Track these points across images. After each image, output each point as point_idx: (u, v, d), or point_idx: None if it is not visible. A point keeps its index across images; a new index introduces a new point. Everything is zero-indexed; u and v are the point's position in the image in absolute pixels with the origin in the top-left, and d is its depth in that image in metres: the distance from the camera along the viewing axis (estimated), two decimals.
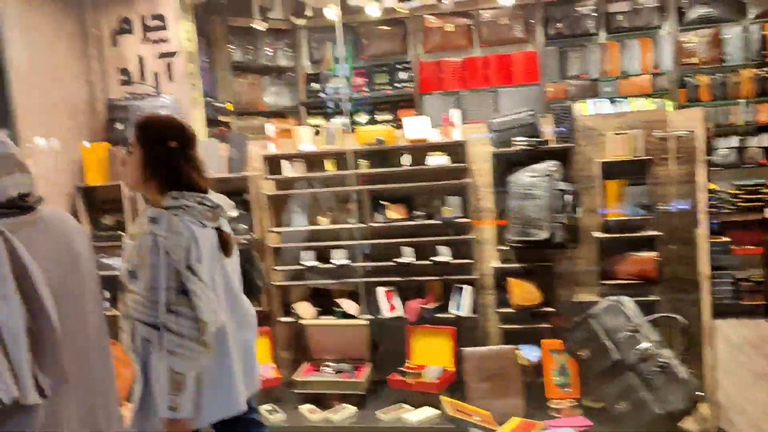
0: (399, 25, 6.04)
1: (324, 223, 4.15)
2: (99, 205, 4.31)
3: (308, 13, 5.70)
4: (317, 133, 4.25)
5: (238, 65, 5.89)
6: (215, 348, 1.96)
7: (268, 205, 4.18)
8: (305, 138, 4.13)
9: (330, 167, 4.07)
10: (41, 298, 1.40)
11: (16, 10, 3.91)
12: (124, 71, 4.52)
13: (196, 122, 4.61)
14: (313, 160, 4.18)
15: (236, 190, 4.23)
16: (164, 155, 2.03)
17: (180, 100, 4.40)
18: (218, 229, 2.09)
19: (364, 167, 4.03)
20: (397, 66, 6.08)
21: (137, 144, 2.05)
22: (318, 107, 6.22)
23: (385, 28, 6.04)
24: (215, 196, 2.10)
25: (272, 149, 4.17)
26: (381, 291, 4.06)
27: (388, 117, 6.20)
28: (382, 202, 4.04)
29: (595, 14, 5.65)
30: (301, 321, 4.10)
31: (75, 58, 4.39)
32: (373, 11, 5.19)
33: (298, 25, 6.13)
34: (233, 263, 2.21)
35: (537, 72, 5.77)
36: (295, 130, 4.15)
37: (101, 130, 4.45)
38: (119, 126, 4.34)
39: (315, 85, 6.23)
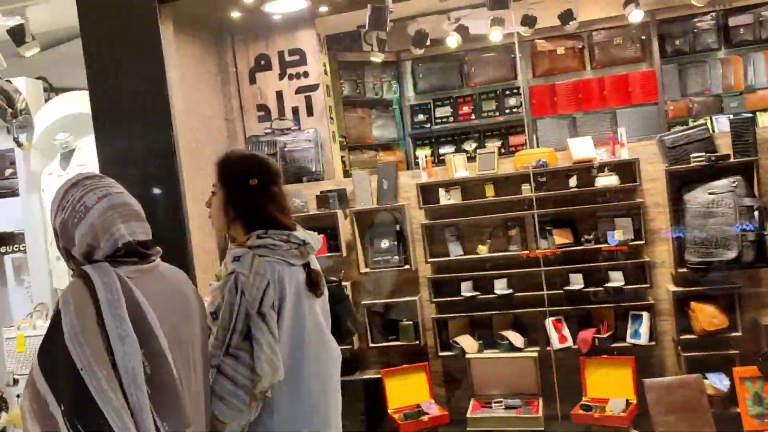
0: (506, 51, 5.97)
1: (483, 252, 4.00)
2: None
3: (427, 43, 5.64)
4: (470, 158, 4.14)
5: (347, 99, 5.86)
6: (284, 404, 1.87)
7: (421, 235, 4.06)
8: (459, 165, 4.02)
9: (490, 193, 3.94)
10: (158, 343, 1.44)
11: (172, 48, 3.90)
12: (262, 107, 4.48)
13: (336, 156, 4.54)
14: (466, 186, 4.06)
15: (386, 222, 4.12)
16: (246, 194, 1.96)
17: (320, 133, 4.35)
18: (307, 268, 1.99)
19: (526, 192, 3.89)
20: (506, 92, 5.99)
21: (219, 183, 1.98)
22: (425, 138, 6.14)
23: (493, 54, 5.97)
24: (302, 233, 2.00)
25: (424, 178, 4.06)
26: (549, 321, 3.87)
27: (497, 143, 6.10)
28: (547, 228, 3.88)
29: (715, 28, 5.52)
30: (468, 355, 3.92)
31: (215, 96, 4.37)
32: (495, 36, 5.12)
33: (402, 57, 6.09)
34: (322, 303, 2.07)
35: (656, 90, 5.63)
36: (449, 158, 4.04)
37: None
38: None
39: (421, 116, 6.17)
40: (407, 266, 4.02)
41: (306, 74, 4.41)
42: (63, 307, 1.38)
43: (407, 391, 4.02)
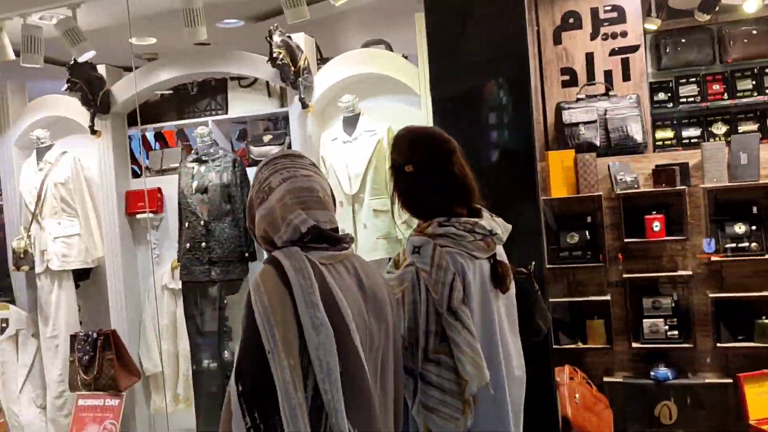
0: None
1: None
2: (562, 220, 3.72)
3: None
4: None
5: None
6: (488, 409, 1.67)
7: None
8: None
9: None
10: (351, 338, 1.31)
11: None
12: (567, 71, 3.98)
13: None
14: None
15: (741, 201, 3.56)
16: (406, 179, 1.77)
17: (642, 100, 3.82)
18: (493, 260, 1.75)
19: None
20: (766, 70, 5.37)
21: (392, 164, 1.81)
22: (666, 119, 5.56)
23: (754, 27, 5.35)
24: (488, 221, 1.76)
25: None
26: None
27: (753, 127, 5.48)
28: None
29: None
30: None
31: None
32: (750, 7, 4.50)
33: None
34: (509, 298, 1.82)
35: None
36: None
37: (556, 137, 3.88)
38: (578, 130, 3.76)
39: (662, 95, 5.58)
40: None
41: (624, 34, 3.89)
42: (254, 291, 1.30)
43: None
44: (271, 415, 1.23)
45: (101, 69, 4.18)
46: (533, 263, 2.22)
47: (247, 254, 3.90)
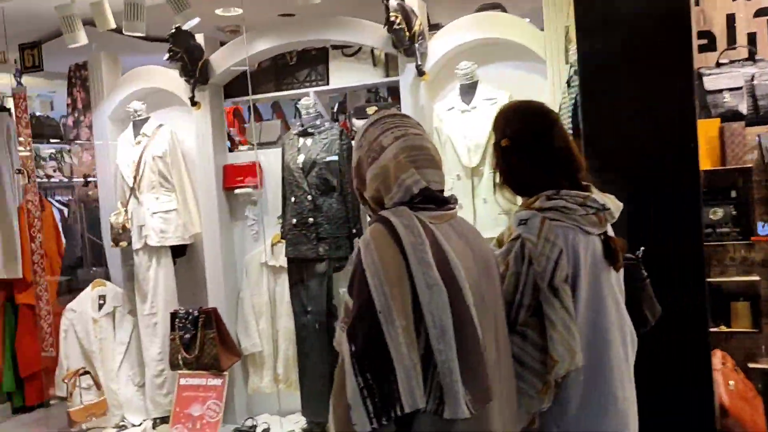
0: None
1: None
2: (705, 194, 3.41)
3: None
4: None
5: None
6: (581, 399, 1.57)
7: None
8: None
9: None
10: (464, 298, 1.28)
11: None
12: (705, 34, 3.65)
13: None
14: None
15: None
16: (519, 150, 1.68)
17: None
18: (604, 236, 1.66)
19: None
20: None
21: (497, 139, 1.72)
22: None
23: None
24: (600, 196, 1.66)
25: None
26: None
27: None
28: None
29: None
30: None
31: None
32: None
33: None
34: (618, 279, 1.71)
35: None
36: None
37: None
38: (722, 98, 3.44)
39: None
40: None
41: None
42: (364, 249, 1.26)
43: None
44: (385, 375, 1.20)
45: (199, 39, 4.02)
46: (641, 249, 1.99)
47: (354, 230, 3.71)
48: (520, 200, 1.78)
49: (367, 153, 1.42)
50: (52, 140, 4.93)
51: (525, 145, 1.68)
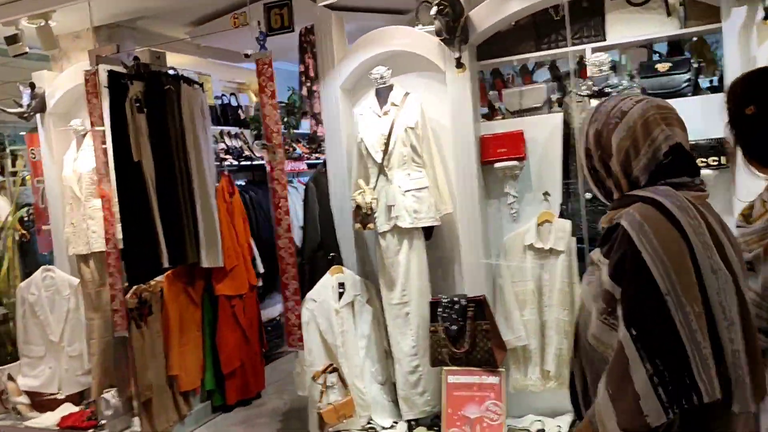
0: None
1: None
2: None
3: None
4: None
5: None
6: None
7: None
8: None
9: None
10: (740, 283, 1.22)
11: None
12: None
13: None
14: None
15: None
16: (745, 123, 1.54)
17: None
18: None
19: None
20: None
21: (730, 117, 1.59)
22: None
23: None
24: None
25: None
26: None
27: None
28: None
29: None
30: None
31: None
32: None
33: None
34: None
35: None
36: None
37: None
38: None
39: None
40: None
41: None
42: (637, 231, 1.18)
43: None
44: (679, 361, 1.12)
45: None
46: None
47: None
48: None
49: (605, 122, 1.34)
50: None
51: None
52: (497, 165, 3.66)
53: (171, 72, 4.13)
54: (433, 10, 3.38)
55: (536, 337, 3.65)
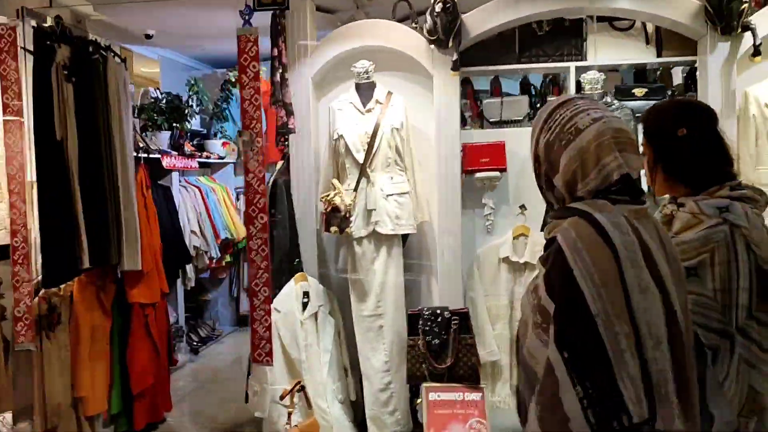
0: None
1: None
2: None
3: None
4: None
5: None
6: None
7: None
8: None
9: None
10: (672, 303, 1.20)
11: None
12: None
13: None
14: None
15: None
16: (695, 139, 1.66)
17: None
18: None
19: None
20: None
21: (652, 136, 1.72)
22: None
23: None
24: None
25: None
26: None
27: None
28: None
29: None
30: None
31: None
32: None
33: None
34: None
35: None
36: None
37: None
38: None
39: None
40: None
41: None
42: (569, 247, 1.18)
43: None
44: (608, 383, 1.12)
45: None
46: None
47: None
48: None
49: (558, 135, 1.30)
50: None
51: (701, 135, 1.65)
52: (478, 175, 3.57)
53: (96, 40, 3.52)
54: (439, 6, 3.21)
55: (507, 352, 3.59)
